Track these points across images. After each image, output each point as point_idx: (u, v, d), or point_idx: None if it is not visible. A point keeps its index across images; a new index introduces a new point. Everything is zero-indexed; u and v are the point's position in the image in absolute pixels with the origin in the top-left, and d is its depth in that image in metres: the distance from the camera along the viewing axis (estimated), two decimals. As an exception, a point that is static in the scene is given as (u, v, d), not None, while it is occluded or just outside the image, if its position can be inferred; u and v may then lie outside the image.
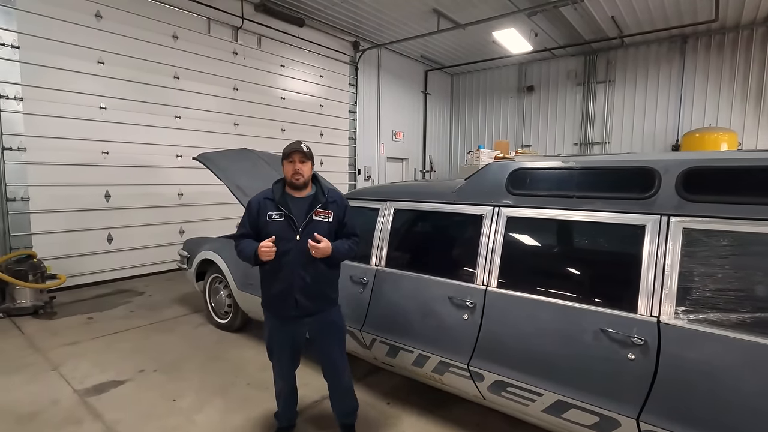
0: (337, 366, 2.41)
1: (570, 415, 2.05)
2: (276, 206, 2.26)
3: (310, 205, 2.27)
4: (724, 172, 1.87)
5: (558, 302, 2.13)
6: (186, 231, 6.73)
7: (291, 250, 2.21)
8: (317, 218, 2.26)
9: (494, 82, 12.19)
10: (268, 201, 2.29)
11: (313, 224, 2.25)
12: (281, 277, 2.23)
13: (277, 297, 2.27)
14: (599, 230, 2.20)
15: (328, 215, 2.29)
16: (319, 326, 2.33)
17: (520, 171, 2.46)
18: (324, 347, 2.38)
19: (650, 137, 9.77)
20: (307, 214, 2.25)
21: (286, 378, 2.43)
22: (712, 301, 1.76)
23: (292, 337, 2.33)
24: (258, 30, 7.62)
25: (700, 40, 9.09)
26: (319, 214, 2.27)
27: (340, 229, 2.35)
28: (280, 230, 2.22)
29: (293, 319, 2.28)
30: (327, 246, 2.18)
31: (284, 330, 2.32)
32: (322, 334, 2.35)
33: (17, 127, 5.12)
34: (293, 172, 2.24)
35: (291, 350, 2.37)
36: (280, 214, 2.24)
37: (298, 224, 2.23)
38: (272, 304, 2.32)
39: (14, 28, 5.02)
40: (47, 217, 5.40)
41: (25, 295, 4.67)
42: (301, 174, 2.24)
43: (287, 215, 2.23)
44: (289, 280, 2.22)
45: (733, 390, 1.65)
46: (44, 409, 2.81)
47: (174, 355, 3.66)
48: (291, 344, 2.35)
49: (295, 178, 2.24)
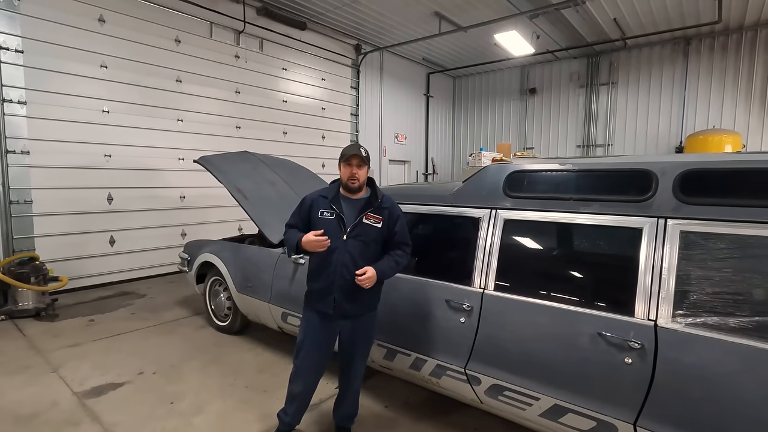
0: (355, 372, 2.43)
1: (567, 420, 2.03)
2: (329, 204, 2.28)
3: (362, 208, 2.28)
4: (722, 175, 1.85)
5: (555, 305, 2.12)
6: (188, 234, 6.75)
7: (337, 249, 2.23)
8: (367, 222, 2.26)
9: (497, 84, 12.18)
10: (322, 198, 2.33)
11: (363, 227, 2.25)
12: (325, 273, 2.26)
13: (317, 292, 2.30)
14: (596, 233, 2.19)
15: (379, 220, 2.28)
16: (352, 329, 2.33)
17: (517, 173, 2.45)
18: (349, 351, 2.38)
19: (653, 139, 9.72)
20: (357, 216, 2.26)
21: (307, 380, 2.38)
22: (709, 305, 1.74)
23: (326, 338, 2.34)
24: (260, 33, 7.66)
25: (703, 42, 9.05)
26: (369, 218, 2.27)
27: (390, 237, 2.33)
28: (329, 228, 2.23)
29: (330, 318, 2.29)
30: (372, 275, 2.16)
31: (320, 328, 2.32)
32: (352, 338, 2.35)
33: (21, 131, 5.17)
34: (350, 176, 2.25)
35: (321, 352, 2.35)
36: (331, 213, 2.27)
37: (347, 225, 2.25)
38: (312, 298, 2.34)
39: (18, 33, 5.07)
40: (50, 220, 5.44)
41: (27, 297, 4.70)
42: (357, 178, 2.26)
43: (338, 214, 2.26)
44: (332, 278, 2.24)
45: (730, 394, 1.63)
46: (43, 411, 2.82)
47: (174, 358, 3.67)
48: (324, 345, 2.35)
49: (351, 182, 2.26)
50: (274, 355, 3.73)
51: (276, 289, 3.47)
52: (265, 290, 3.56)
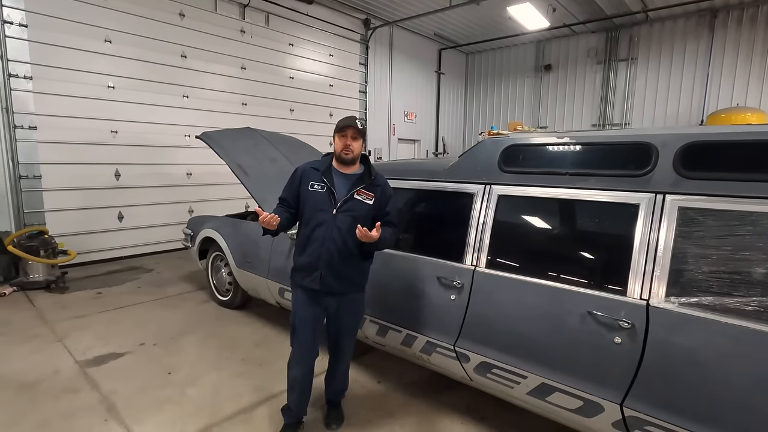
0: (343, 351, 2.39)
1: (554, 399, 2.00)
2: (320, 177, 2.21)
3: (354, 183, 2.22)
4: (725, 148, 1.74)
5: (546, 283, 2.05)
6: (195, 210, 6.82)
7: (325, 223, 2.16)
8: (359, 197, 2.19)
9: (511, 60, 11.81)
10: (313, 171, 2.25)
11: (354, 202, 2.19)
12: (311, 248, 2.19)
13: (304, 268, 2.22)
14: (591, 209, 2.09)
15: (370, 197, 2.21)
16: (338, 307, 2.27)
17: (513, 147, 2.35)
18: (337, 328, 2.32)
19: (673, 118, 9.34)
20: (349, 191, 2.19)
21: (303, 362, 2.29)
22: (704, 285, 1.66)
23: (314, 314, 2.26)
24: (266, 7, 7.51)
25: (731, 14, 8.56)
26: (361, 193, 2.20)
27: (381, 216, 2.23)
28: (319, 201, 2.18)
29: (316, 294, 2.22)
30: (375, 234, 2.03)
31: (309, 305, 2.25)
32: (338, 316, 2.29)
33: (28, 106, 5.21)
34: (343, 147, 2.18)
35: (313, 328, 2.27)
36: (322, 185, 2.20)
37: (338, 199, 2.18)
38: (299, 274, 2.26)
39: (22, 6, 5.05)
40: (59, 195, 5.53)
41: (37, 270, 4.83)
42: (352, 150, 2.18)
43: (329, 187, 2.19)
44: (318, 253, 2.17)
45: (720, 376, 1.56)
46: (45, 378, 2.91)
47: (174, 330, 3.74)
48: (313, 321, 2.26)
49: (345, 153, 2.18)
50: (272, 330, 3.77)
51: (273, 264, 3.48)
52: (263, 266, 3.57)
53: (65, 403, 2.64)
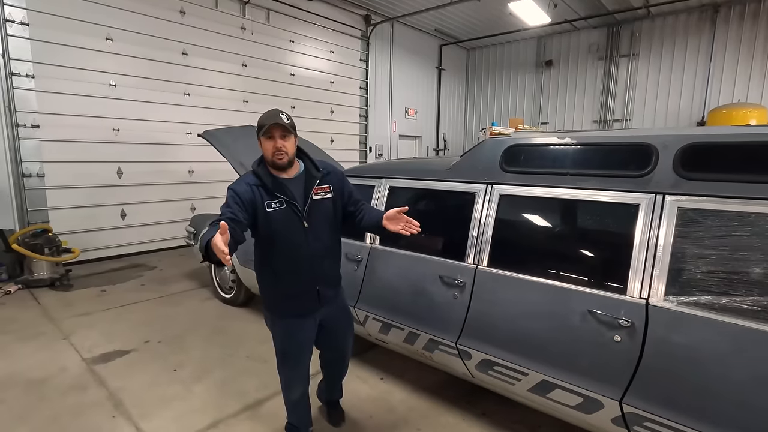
0: (345, 354, 2.31)
1: (555, 395, 2.03)
2: (271, 193, 1.88)
3: (307, 185, 1.96)
4: (724, 149, 1.76)
5: (547, 282, 2.08)
6: (197, 208, 6.85)
7: (301, 244, 1.92)
8: (317, 197, 1.97)
9: (512, 56, 11.79)
10: (257, 188, 1.88)
11: (316, 204, 1.96)
12: (300, 272, 1.95)
13: (295, 296, 1.98)
14: (592, 209, 2.12)
15: (328, 190, 2.01)
16: (332, 313, 2.13)
17: (514, 148, 2.37)
18: (337, 334, 2.21)
19: (674, 114, 9.34)
20: (306, 196, 1.94)
21: (302, 383, 2.15)
22: (703, 284, 1.68)
23: (309, 336, 2.09)
24: (266, 4, 7.50)
25: (733, 9, 8.53)
26: (317, 191, 1.97)
27: (347, 201, 2.08)
28: (286, 221, 1.88)
29: (310, 312, 2.04)
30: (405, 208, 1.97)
31: (303, 328, 2.05)
32: (336, 322, 2.18)
33: (30, 104, 5.23)
34: (274, 151, 1.85)
35: (309, 351, 2.13)
36: (280, 202, 1.88)
37: (301, 209, 1.92)
38: (289, 304, 1.99)
39: (23, 5, 5.06)
40: (63, 193, 5.56)
41: (41, 268, 4.87)
42: (285, 152, 1.86)
43: (288, 201, 1.89)
44: (310, 274, 1.97)
45: (717, 374, 1.59)
46: (53, 376, 2.95)
47: (179, 328, 3.78)
48: (309, 344, 2.12)
49: (278, 158, 1.86)
50: (275, 327, 3.81)
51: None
52: (266, 264, 3.60)
53: (73, 400, 2.68)
